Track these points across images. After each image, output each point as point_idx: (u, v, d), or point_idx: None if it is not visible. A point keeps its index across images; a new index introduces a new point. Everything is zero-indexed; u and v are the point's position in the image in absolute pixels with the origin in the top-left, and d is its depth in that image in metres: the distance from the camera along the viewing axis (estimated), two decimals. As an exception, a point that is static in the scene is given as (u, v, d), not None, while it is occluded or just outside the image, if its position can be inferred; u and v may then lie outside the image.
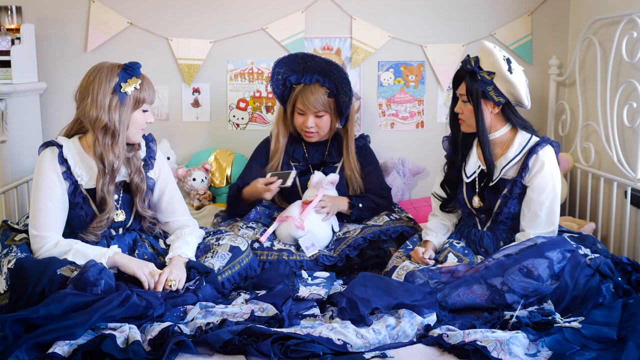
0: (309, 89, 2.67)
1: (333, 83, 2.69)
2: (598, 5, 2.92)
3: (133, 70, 2.19)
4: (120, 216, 2.26)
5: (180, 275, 2.13)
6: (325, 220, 2.58)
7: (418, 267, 2.21)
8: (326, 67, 2.67)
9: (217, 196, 3.18)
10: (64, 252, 2.10)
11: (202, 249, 2.33)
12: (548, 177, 2.23)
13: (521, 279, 2.00)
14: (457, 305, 2.05)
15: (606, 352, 1.71)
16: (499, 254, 2.13)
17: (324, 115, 2.69)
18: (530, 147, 2.27)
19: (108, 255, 2.11)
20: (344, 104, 2.71)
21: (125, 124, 2.18)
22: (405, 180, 3.23)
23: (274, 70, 2.73)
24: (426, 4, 3.21)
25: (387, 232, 2.52)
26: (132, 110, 2.19)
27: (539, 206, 2.22)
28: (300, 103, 2.68)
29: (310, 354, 1.71)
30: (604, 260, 2.07)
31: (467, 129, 2.33)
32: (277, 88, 2.77)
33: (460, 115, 2.32)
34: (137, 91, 2.18)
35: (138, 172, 2.28)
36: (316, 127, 2.70)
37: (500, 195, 2.29)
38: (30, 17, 3.12)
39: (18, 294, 1.93)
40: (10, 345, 1.66)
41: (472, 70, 2.24)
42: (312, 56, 2.68)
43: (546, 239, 2.11)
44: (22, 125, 2.95)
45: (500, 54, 2.22)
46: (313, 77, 2.68)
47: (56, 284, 1.92)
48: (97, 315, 1.77)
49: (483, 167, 2.33)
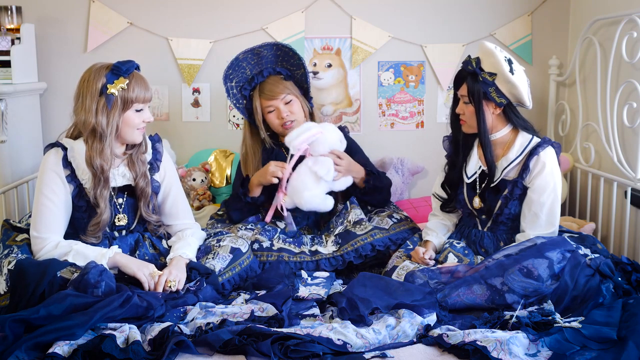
0: (265, 83, 2.64)
1: (283, 67, 2.67)
2: (598, 5, 2.92)
3: (120, 70, 2.13)
4: (122, 220, 2.25)
5: (180, 276, 2.13)
6: (337, 179, 2.51)
7: (418, 267, 2.21)
8: (269, 53, 2.63)
9: (217, 196, 3.18)
10: (64, 253, 2.10)
11: (202, 250, 2.32)
12: (549, 178, 2.23)
13: (521, 279, 2.00)
14: (457, 305, 2.05)
15: (606, 352, 1.71)
16: (499, 254, 2.13)
17: (292, 98, 2.63)
18: (531, 148, 2.27)
19: (108, 255, 2.11)
20: (302, 77, 2.69)
21: (114, 126, 2.14)
22: (404, 179, 3.23)
23: (226, 87, 2.67)
24: (426, 4, 3.21)
25: (396, 241, 2.48)
26: (122, 111, 2.15)
27: (540, 207, 2.22)
28: (264, 98, 2.63)
29: (310, 354, 1.71)
30: (604, 261, 2.07)
31: (469, 130, 2.32)
32: (239, 103, 2.71)
33: (462, 116, 2.32)
34: (125, 91, 2.13)
35: (143, 177, 2.26)
36: (290, 113, 2.62)
37: (501, 196, 2.29)
38: (30, 17, 3.12)
39: (18, 296, 1.92)
40: (10, 345, 1.66)
41: (474, 72, 2.23)
42: (250, 51, 2.64)
43: (546, 239, 2.11)
44: (22, 125, 2.95)
45: (502, 55, 2.22)
46: (262, 72, 2.65)
47: (56, 286, 1.92)
48: (97, 315, 1.77)
49: (484, 167, 2.33)
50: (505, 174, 2.29)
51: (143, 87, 2.18)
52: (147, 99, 2.20)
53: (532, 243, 2.11)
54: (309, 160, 2.51)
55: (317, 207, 2.50)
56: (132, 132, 2.19)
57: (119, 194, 2.25)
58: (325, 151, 2.52)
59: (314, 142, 2.50)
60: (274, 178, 2.51)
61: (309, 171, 2.49)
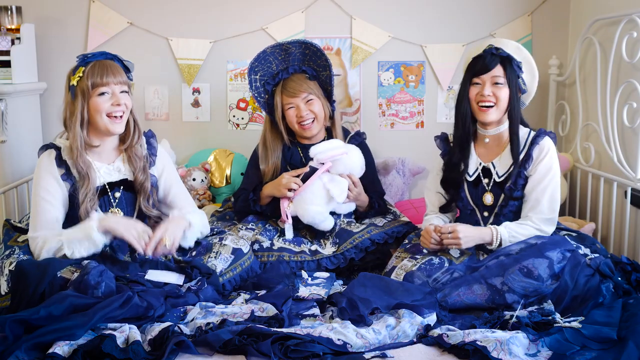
0: (288, 80, 2.64)
1: (309, 66, 2.67)
2: (598, 5, 2.92)
3: (80, 61, 2.19)
4: (116, 215, 2.25)
5: (176, 234, 2.14)
6: (344, 202, 2.54)
7: (416, 265, 2.20)
8: (297, 51, 2.63)
9: (217, 196, 3.18)
10: (57, 249, 2.09)
11: (204, 246, 2.31)
12: (550, 163, 2.27)
13: (521, 279, 2.00)
14: (457, 305, 2.05)
15: (606, 352, 1.70)
16: (499, 252, 2.13)
17: (313, 98, 2.63)
18: (531, 140, 2.30)
19: (95, 227, 2.09)
20: (327, 79, 2.69)
21: (77, 116, 2.16)
22: (405, 180, 3.23)
23: (250, 79, 2.67)
24: (426, 4, 3.21)
25: (392, 235, 2.51)
26: (84, 100, 2.16)
27: (542, 192, 2.24)
28: (285, 95, 2.62)
29: (310, 354, 1.71)
30: (603, 260, 2.08)
31: (496, 116, 2.29)
32: (260, 96, 2.71)
33: (488, 101, 2.27)
34: (82, 79, 2.16)
35: (142, 172, 2.28)
36: (310, 112, 2.62)
37: (505, 188, 2.31)
38: (30, 17, 3.12)
39: (19, 297, 1.92)
40: (11, 346, 1.66)
41: (508, 56, 2.26)
42: (278, 45, 2.64)
43: (546, 239, 2.11)
44: (22, 125, 2.95)
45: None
46: (288, 69, 2.65)
47: (57, 287, 1.92)
48: (97, 316, 1.77)
49: (484, 164, 2.33)
50: (510, 168, 2.31)
51: (102, 71, 2.17)
52: (106, 83, 2.18)
53: (532, 242, 2.11)
54: (325, 176, 2.52)
55: (317, 224, 2.51)
56: (101, 117, 2.18)
57: (116, 188, 2.26)
58: (344, 172, 2.53)
59: (336, 160, 2.52)
60: (289, 191, 2.51)
61: (322, 187, 2.50)
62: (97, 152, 2.26)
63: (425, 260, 2.21)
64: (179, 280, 2.11)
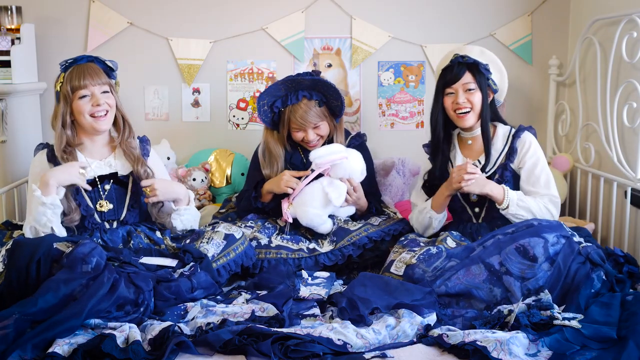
0: (298, 107, 2.61)
1: (319, 92, 2.65)
2: (598, 5, 2.92)
3: (61, 67, 2.30)
4: (105, 207, 2.32)
5: (162, 188, 2.29)
6: (342, 206, 2.55)
7: (415, 256, 2.21)
8: (309, 83, 2.62)
9: (217, 196, 3.18)
10: (33, 228, 2.18)
11: (197, 232, 2.36)
12: (535, 150, 2.37)
13: (518, 259, 2.02)
14: (457, 288, 2.06)
15: (606, 351, 1.71)
16: (496, 232, 2.17)
17: (321, 124, 2.66)
18: (513, 135, 2.42)
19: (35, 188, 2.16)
20: (336, 107, 2.69)
21: (59, 119, 2.28)
22: (405, 180, 3.23)
23: (259, 104, 2.65)
24: (426, 4, 3.21)
25: (389, 232, 2.52)
26: (66, 104, 2.27)
27: (536, 180, 2.35)
28: (294, 123, 2.63)
29: (310, 354, 1.71)
30: (594, 249, 2.10)
31: (474, 120, 2.40)
32: (266, 117, 2.70)
33: (464, 108, 2.37)
34: (63, 85, 2.27)
35: (141, 164, 2.35)
36: (317, 136, 2.67)
37: (493, 180, 2.36)
38: (30, 17, 3.12)
39: (14, 265, 1.93)
40: (11, 344, 1.66)
41: (474, 62, 2.36)
42: (293, 78, 2.62)
43: (544, 222, 2.14)
44: (22, 125, 2.95)
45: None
46: (298, 95, 2.62)
47: (51, 256, 1.94)
48: (90, 303, 1.79)
49: (472, 162, 2.38)
50: (497, 164, 2.40)
51: (79, 75, 2.27)
52: (84, 85, 2.27)
53: (530, 223, 2.14)
54: (324, 179, 2.53)
55: (315, 226, 2.52)
56: (85, 118, 2.28)
57: (105, 181, 2.33)
58: (344, 177, 2.54)
59: (336, 165, 2.52)
60: (288, 188, 2.52)
61: (321, 190, 2.51)
62: (89, 149, 2.37)
63: (423, 251, 2.23)
64: (172, 263, 2.15)
